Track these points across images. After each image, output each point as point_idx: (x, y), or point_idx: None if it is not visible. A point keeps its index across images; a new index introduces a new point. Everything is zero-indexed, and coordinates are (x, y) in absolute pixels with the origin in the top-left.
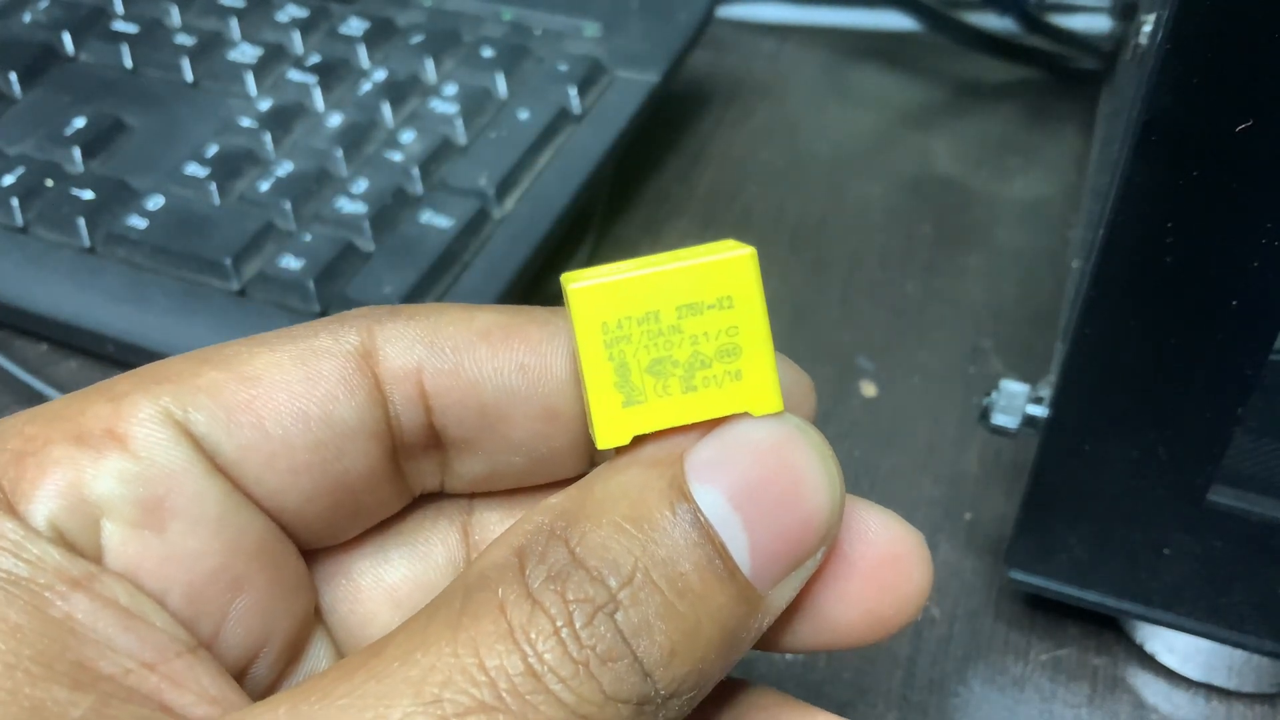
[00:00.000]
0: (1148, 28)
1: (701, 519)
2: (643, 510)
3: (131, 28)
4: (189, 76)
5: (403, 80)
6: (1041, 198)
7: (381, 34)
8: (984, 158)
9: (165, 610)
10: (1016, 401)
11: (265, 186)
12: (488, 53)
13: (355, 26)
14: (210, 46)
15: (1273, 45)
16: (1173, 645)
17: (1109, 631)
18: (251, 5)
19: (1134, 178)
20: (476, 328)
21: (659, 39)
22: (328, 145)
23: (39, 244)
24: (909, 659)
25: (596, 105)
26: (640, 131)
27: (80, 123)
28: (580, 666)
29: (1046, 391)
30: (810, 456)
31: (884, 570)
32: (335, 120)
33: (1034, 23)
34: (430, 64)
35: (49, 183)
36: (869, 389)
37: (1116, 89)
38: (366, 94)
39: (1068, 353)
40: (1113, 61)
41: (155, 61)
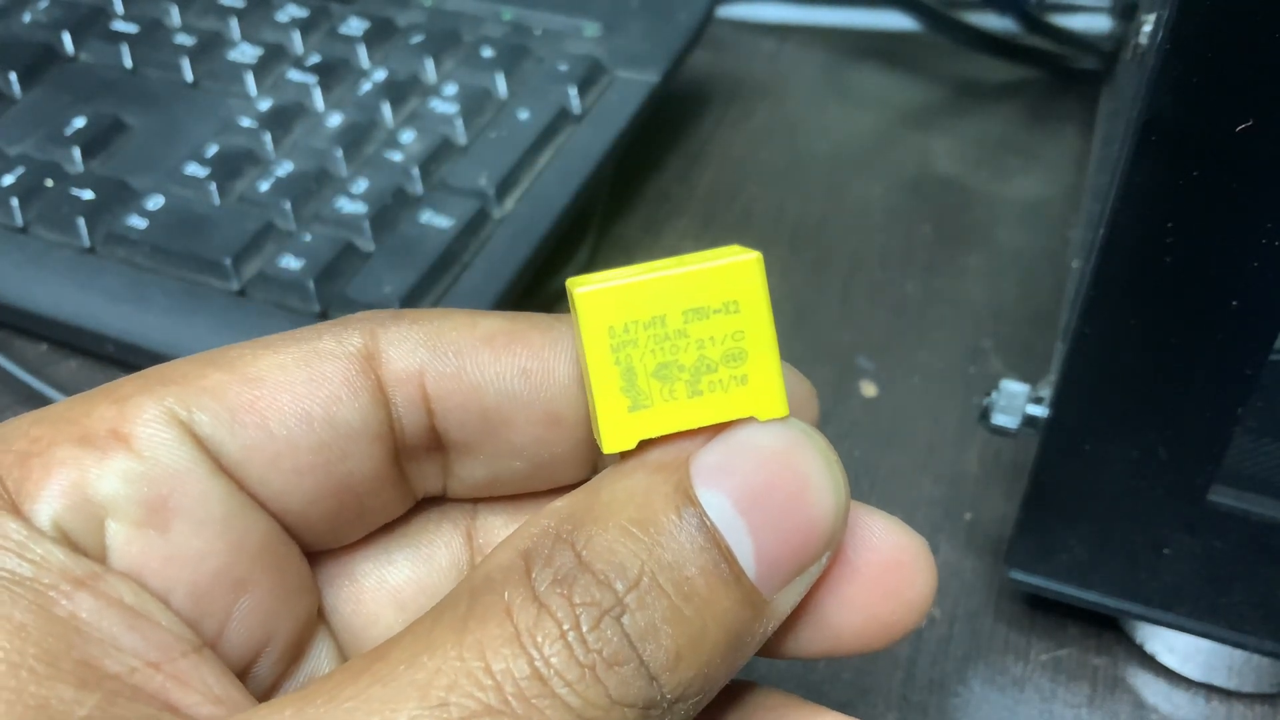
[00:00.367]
0: (1148, 28)
1: (707, 523)
2: (649, 514)
3: (131, 28)
4: (189, 76)
5: (403, 80)
6: (1041, 198)
7: (381, 34)
8: (984, 158)
9: (170, 610)
10: (1016, 401)
11: (265, 186)
12: (488, 53)
13: (355, 26)
14: (210, 46)
15: (1273, 45)
16: (1173, 645)
17: (1109, 631)
18: (251, 5)
19: (1134, 178)
20: (480, 332)
21: (659, 39)
22: (328, 145)
23: (39, 244)
24: (909, 659)
25: (596, 105)
26: (640, 131)
27: (80, 123)
28: (586, 670)
29: (1046, 391)
30: (816, 461)
31: (888, 576)
32: (335, 120)
33: (1034, 23)
34: (430, 64)
35: (49, 183)
36: (869, 389)
37: (1116, 89)
38: (366, 94)
39: (1068, 353)
40: (1113, 61)
41: (155, 61)
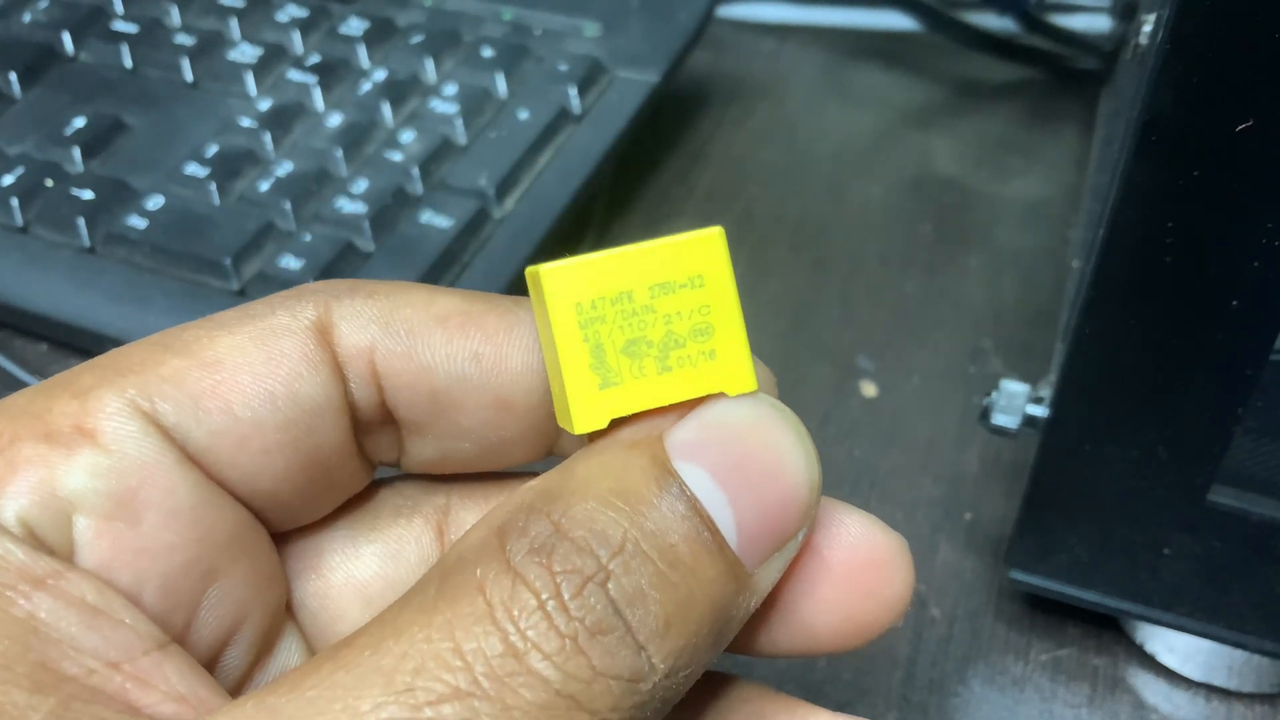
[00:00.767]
0: (1148, 28)
1: (688, 493)
2: (628, 485)
3: (131, 28)
4: (189, 76)
5: (403, 80)
6: (1041, 198)
7: (381, 34)
8: (984, 158)
9: (137, 606)
10: (1016, 401)
11: (265, 186)
12: (488, 53)
13: (355, 26)
14: (210, 46)
15: (1273, 45)
16: (1173, 645)
17: (1109, 631)
18: (251, 5)
19: (1134, 178)
20: (435, 312)
21: (659, 39)
22: (328, 145)
23: (39, 244)
24: (909, 659)
25: (596, 105)
26: (640, 131)
27: (80, 123)
28: (567, 640)
29: (1046, 391)
30: (789, 435)
31: (865, 575)
32: (335, 120)
33: (1034, 23)
34: (430, 64)
35: (49, 183)
36: (869, 389)
37: (1116, 89)
38: (366, 94)
39: (1068, 353)
40: (1113, 61)
41: (155, 61)
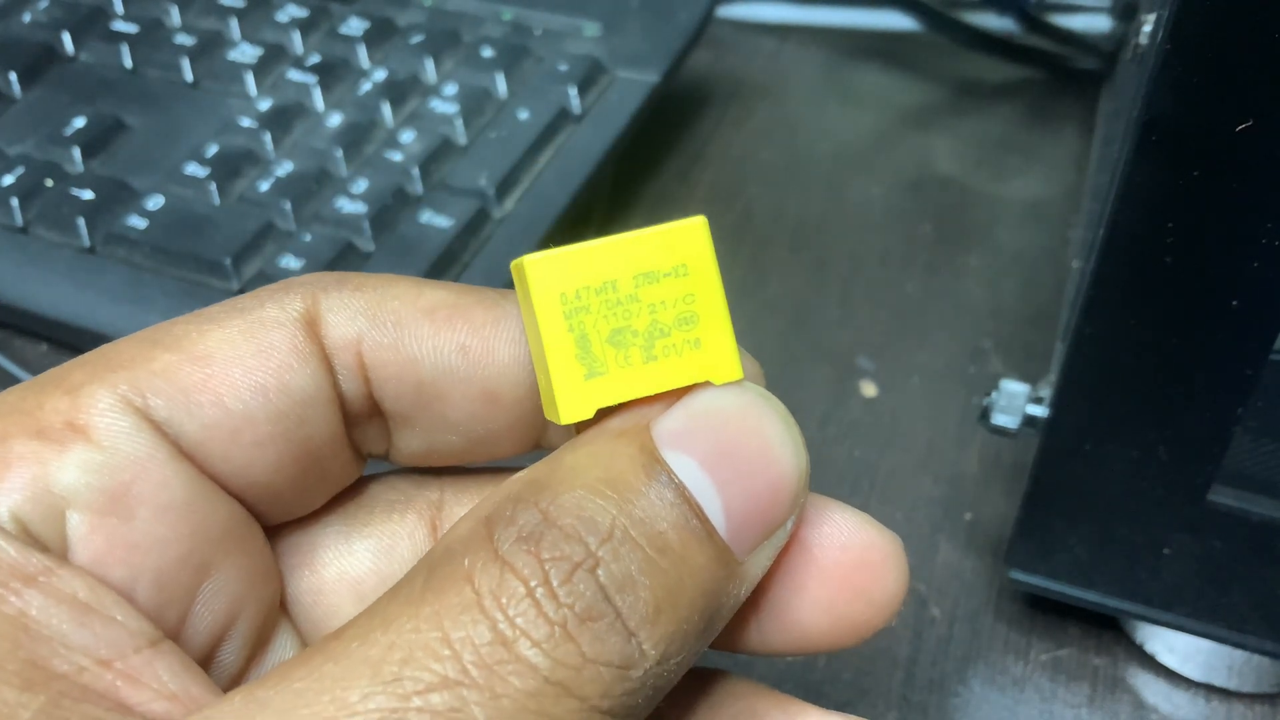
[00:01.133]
0: (1148, 28)
1: (676, 481)
2: (616, 474)
3: (131, 28)
4: (189, 76)
5: (403, 80)
6: (1041, 198)
7: (381, 34)
8: (984, 158)
9: (130, 602)
10: (1016, 401)
11: (265, 186)
12: (488, 53)
13: (355, 26)
14: (210, 46)
15: (1273, 45)
16: (1173, 645)
17: (1109, 631)
18: (251, 5)
19: (1134, 178)
20: (422, 304)
21: (659, 39)
22: (328, 145)
23: (39, 244)
24: (909, 659)
25: (596, 105)
26: (640, 131)
27: (80, 123)
28: (556, 627)
29: (1046, 391)
30: (776, 423)
31: (857, 574)
32: (335, 120)
33: (1034, 23)
34: (430, 64)
35: (49, 183)
36: (869, 389)
37: (1116, 89)
38: (366, 94)
39: (1068, 353)
40: (1113, 61)
41: (155, 61)
